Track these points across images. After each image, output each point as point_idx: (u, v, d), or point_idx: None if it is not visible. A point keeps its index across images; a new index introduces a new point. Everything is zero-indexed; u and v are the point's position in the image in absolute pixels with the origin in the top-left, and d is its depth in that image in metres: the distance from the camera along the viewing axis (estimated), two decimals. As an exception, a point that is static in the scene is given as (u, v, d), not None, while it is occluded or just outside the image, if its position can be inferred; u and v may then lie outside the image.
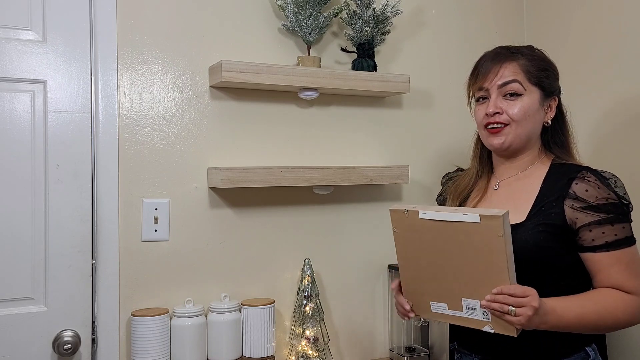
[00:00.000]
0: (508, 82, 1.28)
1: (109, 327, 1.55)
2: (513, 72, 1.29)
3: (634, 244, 1.22)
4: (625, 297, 1.20)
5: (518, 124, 1.28)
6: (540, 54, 1.36)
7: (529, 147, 1.34)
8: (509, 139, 1.29)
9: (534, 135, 1.33)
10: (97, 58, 1.54)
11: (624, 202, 1.23)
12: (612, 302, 1.20)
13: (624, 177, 1.84)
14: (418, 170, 1.97)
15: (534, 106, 1.29)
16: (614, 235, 1.20)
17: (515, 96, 1.29)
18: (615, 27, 1.87)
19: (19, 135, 1.46)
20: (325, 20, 1.73)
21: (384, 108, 1.94)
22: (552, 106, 1.33)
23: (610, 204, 1.21)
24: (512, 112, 1.28)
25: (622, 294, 1.20)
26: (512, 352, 1.25)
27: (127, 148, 1.58)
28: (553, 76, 1.34)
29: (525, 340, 1.19)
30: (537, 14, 2.16)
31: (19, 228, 1.46)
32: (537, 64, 1.32)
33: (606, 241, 1.20)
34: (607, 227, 1.20)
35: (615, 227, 1.20)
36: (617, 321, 1.20)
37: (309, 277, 1.70)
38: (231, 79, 1.56)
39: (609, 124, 1.88)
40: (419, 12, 2.00)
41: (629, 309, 1.19)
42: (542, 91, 1.31)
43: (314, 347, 1.66)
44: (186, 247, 1.65)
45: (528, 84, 1.29)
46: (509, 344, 1.21)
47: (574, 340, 1.24)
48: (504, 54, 1.33)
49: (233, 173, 1.57)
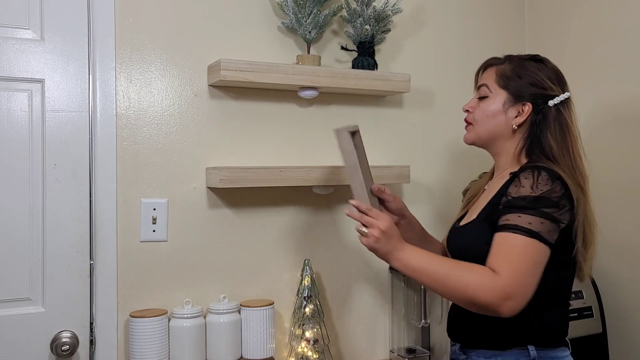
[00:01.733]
0: (480, 85, 1.38)
1: (107, 328, 1.54)
2: (487, 76, 1.38)
3: (532, 238, 1.15)
4: (487, 272, 1.14)
5: (477, 123, 1.37)
6: (527, 63, 1.34)
7: (500, 148, 1.36)
8: (470, 137, 1.40)
9: (500, 136, 1.35)
10: (95, 57, 1.53)
11: (549, 199, 1.18)
12: (468, 270, 1.17)
13: (624, 178, 1.84)
14: (418, 170, 1.96)
15: (495, 108, 1.34)
16: (515, 220, 1.17)
17: (484, 99, 1.36)
18: (616, 28, 1.86)
19: (17, 135, 1.45)
20: (325, 19, 1.72)
21: (384, 107, 1.93)
22: (522, 111, 1.31)
23: (531, 197, 1.18)
24: (475, 112, 1.37)
25: (487, 269, 1.16)
26: (470, 338, 1.32)
27: (125, 147, 1.57)
28: (528, 83, 1.31)
29: (480, 328, 1.27)
30: (538, 14, 2.15)
31: (17, 228, 1.45)
32: (515, 70, 1.33)
33: (506, 223, 1.19)
34: (515, 215, 1.18)
35: (522, 217, 1.17)
36: (465, 287, 1.15)
37: (309, 278, 1.69)
38: (230, 77, 1.55)
39: (610, 124, 1.87)
40: (419, 11, 1.99)
41: (482, 280, 1.13)
42: (508, 94, 1.32)
43: (313, 348, 1.65)
44: (185, 247, 1.64)
45: (495, 87, 1.35)
46: (468, 331, 1.31)
47: (517, 337, 1.25)
48: (495, 60, 1.40)
49: (232, 173, 1.56)
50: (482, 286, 1.13)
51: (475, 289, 1.13)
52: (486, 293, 1.12)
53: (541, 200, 1.18)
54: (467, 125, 1.41)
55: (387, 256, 1.23)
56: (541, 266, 1.17)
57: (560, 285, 1.28)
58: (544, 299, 1.22)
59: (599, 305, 1.79)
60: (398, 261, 1.23)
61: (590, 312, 1.76)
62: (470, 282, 1.14)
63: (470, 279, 1.14)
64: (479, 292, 1.13)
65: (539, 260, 1.17)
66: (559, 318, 1.29)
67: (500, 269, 1.14)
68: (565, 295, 1.31)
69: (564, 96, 1.32)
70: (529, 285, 1.15)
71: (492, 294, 1.12)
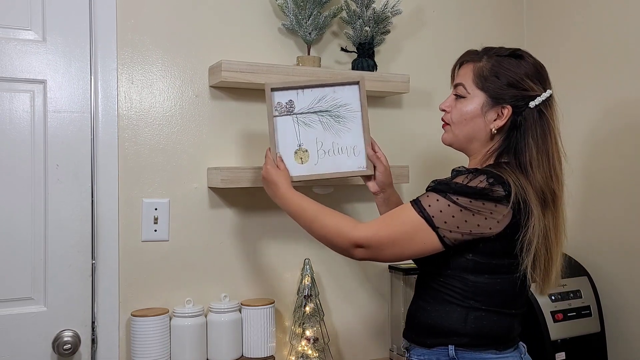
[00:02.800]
0: (456, 84, 1.32)
1: (108, 327, 1.55)
2: (463, 74, 1.31)
3: (420, 217, 1.18)
4: (349, 221, 1.27)
5: (454, 125, 1.32)
6: (506, 60, 1.27)
7: (475, 149, 1.31)
8: (448, 138, 1.36)
9: (478, 139, 1.29)
10: (96, 58, 1.54)
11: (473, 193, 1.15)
12: (333, 216, 1.30)
13: (623, 178, 1.85)
14: (418, 170, 1.97)
15: (472, 111, 1.27)
16: (422, 197, 1.21)
17: (461, 98, 1.30)
18: (616, 28, 1.87)
19: (19, 135, 1.46)
20: (325, 20, 1.73)
21: (384, 108, 1.94)
22: (502, 114, 1.25)
23: (449, 182, 1.20)
24: (453, 112, 1.32)
25: (350, 219, 1.29)
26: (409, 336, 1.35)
27: (127, 148, 1.58)
28: (507, 84, 1.25)
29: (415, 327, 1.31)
30: (537, 14, 2.16)
31: (19, 228, 1.46)
32: (493, 69, 1.26)
33: (415, 197, 1.23)
34: (425, 194, 1.22)
35: (429, 197, 1.20)
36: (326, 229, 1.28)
37: (309, 277, 1.70)
38: (231, 78, 1.56)
39: (609, 125, 1.88)
40: (419, 12, 2.00)
41: (340, 226, 1.26)
42: (487, 96, 1.26)
43: (314, 347, 1.66)
44: (186, 247, 1.65)
45: (473, 87, 1.28)
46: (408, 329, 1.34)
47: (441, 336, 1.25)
48: (471, 54, 1.33)
49: (233, 173, 1.57)
50: (338, 231, 1.25)
51: (333, 233, 1.27)
52: (340, 238, 1.25)
53: (459, 189, 1.16)
54: (445, 125, 1.35)
55: (274, 200, 1.42)
56: (416, 244, 1.19)
57: (490, 290, 1.22)
58: (471, 303, 1.21)
59: (597, 305, 1.79)
60: (281, 207, 1.39)
61: (589, 312, 1.77)
62: (329, 225, 1.27)
63: (330, 223, 1.28)
64: (335, 236, 1.26)
65: (415, 238, 1.19)
66: (487, 323, 1.22)
67: (368, 223, 1.26)
68: (506, 301, 1.24)
69: (545, 95, 1.25)
70: (388, 249, 1.22)
71: (344, 239, 1.24)
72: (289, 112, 1.47)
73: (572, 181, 1.97)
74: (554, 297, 1.71)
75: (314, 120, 1.49)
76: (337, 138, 1.49)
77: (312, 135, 1.48)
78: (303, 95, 1.48)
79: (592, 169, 1.93)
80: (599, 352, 1.79)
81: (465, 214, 1.15)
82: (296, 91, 1.48)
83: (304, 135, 1.48)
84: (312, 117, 1.49)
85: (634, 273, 1.80)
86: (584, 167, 1.95)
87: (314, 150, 1.48)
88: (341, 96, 1.50)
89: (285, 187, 1.39)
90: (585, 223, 1.94)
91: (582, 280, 1.81)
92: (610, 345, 1.82)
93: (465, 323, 1.22)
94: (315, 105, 1.49)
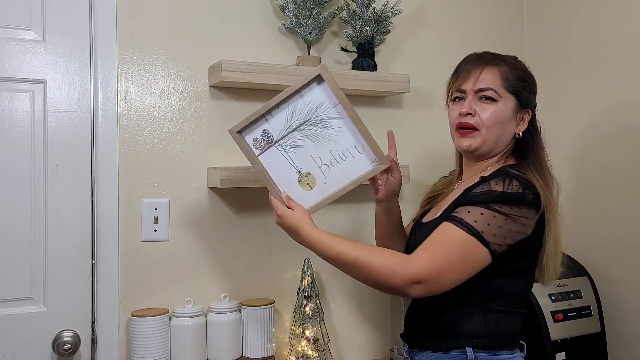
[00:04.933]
0: (485, 88, 1.28)
1: (108, 327, 1.55)
2: (492, 78, 1.28)
3: (471, 236, 1.12)
4: (398, 257, 1.16)
5: (488, 128, 1.27)
6: (522, 65, 1.34)
7: (494, 153, 1.32)
8: (476, 142, 1.29)
9: (502, 144, 1.30)
10: (96, 58, 1.54)
11: (512, 200, 1.15)
12: (372, 251, 1.19)
13: (623, 178, 1.85)
14: (418, 170, 1.97)
15: (507, 114, 1.27)
16: (463, 213, 1.15)
17: (490, 101, 1.27)
18: (616, 28, 1.87)
19: (19, 135, 1.46)
20: (325, 20, 1.73)
21: (384, 108, 1.94)
22: (525, 119, 1.30)
23: (487, 192, 1.15)
24: (484, 116, 1.27)
25: (397, 254, 1.18)
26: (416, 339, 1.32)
27: (126, 148, 1.58)
28: (530, 89, 1.31)
29: (425, 330, 1.29)
30: (537, 14, 2.16)
31: (19, 228, 1.46)
32: (517, 73, 1.30)
33: (454, 215, 1.16)
34: (465, 208, 1.15)
35: (471, 212, 1.14)
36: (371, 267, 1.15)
37: (309, 277, 1.69)
38: (231, 78, 1.56)
39: (609, 124, 1.88)
40: (419, 12, 2.00)
41: (392, 266, 1.14)
42: (517, 101, 1.28)
43: (314, 347, 1.66)
44: (186, 247, 1.65)
45: (504, 92, 1.27)
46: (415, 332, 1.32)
47: (458, 340, 1.24)
48: (487, 58, 1.32)
49: (233, 173, 1.57)
50: (390, 270, 1.13)
51: (384, 273, 1.14)
52: (394, 277, 1.13)
53: (500, 197, 1.14)
54: (471, 130, 1.28)
55: (291, 234, 1.28)
56: (471, 265, 1.14)
57: (511, 292, 1.24)
58: (491, 305, 1.22)
59: (598, 305, 1.79)
60: (309, 247, 1.25)
61: (589, 312, 1.76)
62: (379, 266, 1.14)
63: (379, 263, 1.14)
64: (387, 276, 1.13)
65: (470, 258, 1.14)
66: (505, 323, 1.24)
67: (419, 255, 1.14)
68: (519, 301, 1.27)
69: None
70: (447, 279, 1.13)
71: (399, 279, 1.12)
72: (270, 143, 1.30)
73: (572, 181, 1.98)
74: (554, 297, 1.71)
75: (299, 138, 1.30)
76: (332, 144, 1.31)
77: (306, 154, 1.31)
78: (274, 119, 1.30)
79: (592, 169, 1.93)
80: (599, 352, 1.79)
81: (509, 222, 1.14)
82: (265, 119, 1.30)
83: (297, 158, 1.31)
84: (295, 135, 1.30)
85: (634, 273, 1.80)
86: (584, 167, 1.95)
87: (316, 169, 1.31)
88: (311, 98, 1.30)
89: (307, 229, 1.24)
90: (586, 223, 1.94)
91: (582, 280, 1.80)
92: (610, 345, 1.82)
93: (485, 324, 1.23)
94: (292, 122, 1.30)
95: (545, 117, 1.38)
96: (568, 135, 2.00)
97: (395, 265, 1.13)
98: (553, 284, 1.73)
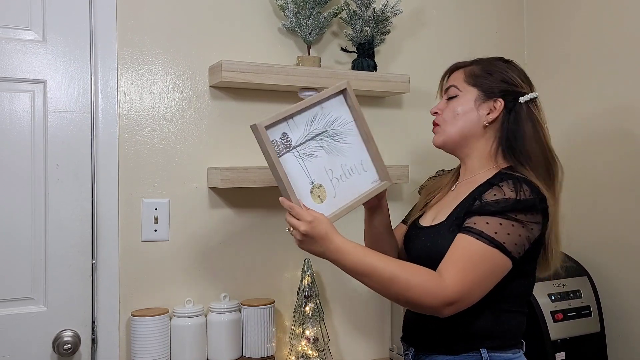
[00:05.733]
0: (448, 87, 1.35)
1: (108, 327, 1.55)
2: (456, 76, 1.35)
3: (494, 248, 1.12)
4: (433, 277, 1.11)
5: (446, 123, 1.32)
6: (495, 62, 1.32)
7: (471, 149, 1.32)
8: (440, 138, 1.35)
9: (471, 136, 1.30)
10: (97, 58, 1.54)
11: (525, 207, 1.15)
12: (413, 273, 1.12)
13: (623, 178, 1.85)
14: (418, 170, 1.97)
15: (466, 105, 1.30)
16: (481, 225, 1.13)
17: (453, 99, 1.33)
18: (616, 28, 1.87)
19: (19, 135, 1.46)
20: (325, 20, 1.73)
21: (384, 108, 1.94)
22: (496, 107, 1.28)
23: (503, 200, 1.14)
24: (444, 113, 1.34)
25: (432, 273, 1.12)
26: (424, 343, 1.30)
27: (127, 148, 1.58)
28: (499, 80, 1.29)
29: (435, 333, 1.26)
30: (537, 14, 2.16)
31: (19, 228, 1.46)
32: (483, 68, 1.31)
33: (472, 227, 1.14)
34: (483, 219, 1.14)
35: (490, 223, 1.13)
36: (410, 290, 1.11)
37: (309, 277, 1.70)
38: (231, 78, 1.56)
39: (609, 124, 1.88)
40: (419, 12, 2.00)
41: (427, 285, 1.10)
42: (479, 91, 1.29)
43: (313, 347, 1.66)
44: (186, 247, 1.65)
45: (464, 85, 1.31)
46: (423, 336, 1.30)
47: (471, 342, 1.23)
48: (459, 63, 1.37)
49: (233, 173, 1.57)
50: (426, 290, 1.10)
51: (420, 294, 1.10)
52: (430, 298, 1.10)
53: (516, 206, 1.14)
54: (435, 127, 1.36)
55: (324, 257, 1.19)
56: (496, 276, 1.14)
57: (520, 292, 1.25)
58: (502, 305, 1.23)
59: (597, 305, 1.79)
60: (336, 263, 1.18)
61: (589, 311, 1.76)
62: (415, 286, 1.10)
63: (415, 282, 1.11)
64: (423, 296, 1.10)
65: (495, 270, 1.14)
66: (515, 323, 1.26)
67: (450, 274, 1.11)
68: (524, 301, 1.29)
69: (533, 95, 1.29)
70: (476, 295, 1.13)
71: (435, 300, 1.10)
72: (288, 149, 1.22)
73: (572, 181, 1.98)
74: (554, 297, 1.71)
75: (315, 147, 1.26)
76: (343, 159, 1.29)
77: (320, 165, 1.25)
78: (294, 124, 1.24)
79: (592, 169, 1.93)
80: (599, 352, 1.79)
81: (525, 229, 1.15)
82: (286, 122, 1.23)
83: (312, 168, 1.24)
84: (312, 144, 1.26)
85: (634, 273, 1.80)
86: (584, 167, 1.95)
87: (327, 181, 1.26)
88: (330, 111, 1.29)
89: (339, 238, 1.17)
90: (586, 223, 1.94)
91: (582, 280, 1.81)
92: (610, 345, 1.82)
93: (498, 325, 1.24)
94: (311, 131, 1.26)
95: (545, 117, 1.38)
96: (567, 135, 2.00)
97: (431, 284, 1.10)
98: (553, 284, 1.73)
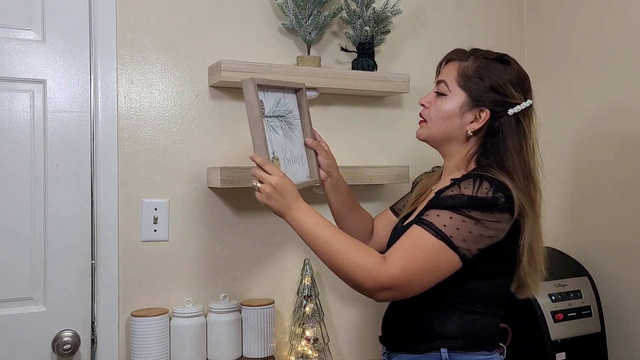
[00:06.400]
0: (439, 81, 1.31)
1: (108, 328, 1.55)
2: (449, 71, 1.30)
3: (440, 241, 1.10)
4: (377, 258, 1.11)
5: (431, 122, 1.30)
6: (489, 62, 1.26)
7: (451, 150, 1.30)
8: (424, 134, 1.33)
9: (453, 140, 1.28)
10: (96, 58, 1.54)
11: (482, 205, 1.12)
12: (359, 251, 1.12)
13: (623, 178, 1.85)
14: (418, 170, 1.96)
15: (451, 110, 1.26)
16: (432, 217, 1.12)
17: (441, 96, 1.29)
18: (617, 29, 1.87)
19: (19, 135, 1.46)
20: (325, 20, 1.73)
21: (384, 108, 1.94)
22: (479, 117, 1.24)
23: (458, 196, 1.12)
24: (430, 110, 1.30)
25: (377, 255, 1.12)
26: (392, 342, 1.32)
27: (126, 148, 1.58)
28: (489, 87, 1.24)
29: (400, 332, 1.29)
30: (537, 14, 2.16)
31: (18, 228, 1.46)
32: (477, 69, 1.25)
33: (423, 218, 1.13)
34: (435, 212, 1.13)
35: (440, 216, 1.12)
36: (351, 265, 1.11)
37: (309, 278, 1.70)
38: (231, 78, 1.56)
39: (609, 124, 1.88)
40: (419, 12, 2.00)
41: (368, 265, 1.10)
42: (467, 96, 1.25)
43: (313, 347, 1.66)
44: (186, 247, 1.65)
45: (454, 85, 1.27)
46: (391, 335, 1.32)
47: (432, 341, 1.23)
48: (457, 52, 1.32)
49: (232, 173, 1.57)
50: (366, 271, 1.10)
51: (360, 273, 1.10)
52: (367, 279, 1.10)
53: (471, 202, 1.12)
54: (421, 121, 1.33)
55: (282, 214, 1.20)
56: (440, 271, 1.12)
57: (488, 294, 1.23)
58: (466, 307, 1.21)
59: (597, 305, 1.79)
60: (293, 221, 1.19)
61: (589, 312, 1.76)
62: (357, 263, 1.11)
63: (358, 260, 1.11)
64: (362, 276, 1.10)
65: (439, 264, 1.12)
66: (483, 325, 1.24)
67: (394, 260, 1.11)
68: (495, 303, 1.26)
69: (526, 104, 1.24)
70: (416, 285, 1.12)
71: (372, 281, 1.10)
72: (262, 114, 1.24)
73: (572, 181, 1.98)
74: (554, 297, 1.71)
75: (277, 125, 1.32)
76: (291, 146, 1.36)
77: (279, 141, 1.31)
78: (269, 97, 1.29)
79: (592, 169, 1.93)
80: (599, 352, 1.79)
81: (479, 227, 1.12)
82: (265, 92, 1.28)
83: (275, 141, 1.29)
84: (276, 121, 1.31)
85: (634, 273, 1.80)
86: (584, 167, 1.95)
87: (282, 158, 1.31)
88: (288, 102, 1.37)
89: (302, 200, 1.21)
90: (586, 223, 1.94)
91: (582, 280, 1.80)
92: (611, 345, 1.82)
93: (461, 326, 1.22)
94: (276, 110, 1.32)
95: (545, 117, 1.38)
96: (568, 135, 2.00)
97: (372, 268, 1.10)
98: (553, 284, 1.73)
